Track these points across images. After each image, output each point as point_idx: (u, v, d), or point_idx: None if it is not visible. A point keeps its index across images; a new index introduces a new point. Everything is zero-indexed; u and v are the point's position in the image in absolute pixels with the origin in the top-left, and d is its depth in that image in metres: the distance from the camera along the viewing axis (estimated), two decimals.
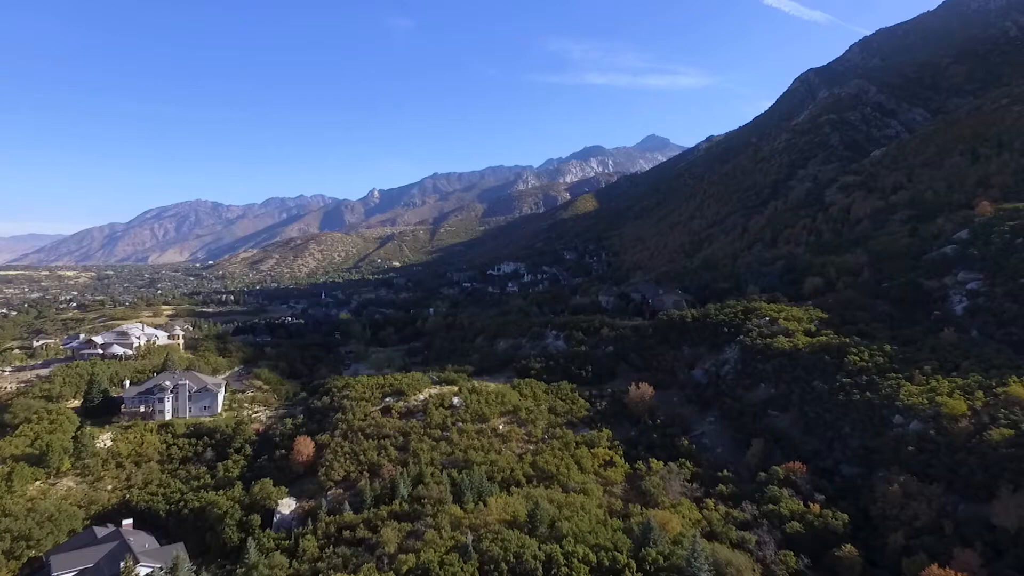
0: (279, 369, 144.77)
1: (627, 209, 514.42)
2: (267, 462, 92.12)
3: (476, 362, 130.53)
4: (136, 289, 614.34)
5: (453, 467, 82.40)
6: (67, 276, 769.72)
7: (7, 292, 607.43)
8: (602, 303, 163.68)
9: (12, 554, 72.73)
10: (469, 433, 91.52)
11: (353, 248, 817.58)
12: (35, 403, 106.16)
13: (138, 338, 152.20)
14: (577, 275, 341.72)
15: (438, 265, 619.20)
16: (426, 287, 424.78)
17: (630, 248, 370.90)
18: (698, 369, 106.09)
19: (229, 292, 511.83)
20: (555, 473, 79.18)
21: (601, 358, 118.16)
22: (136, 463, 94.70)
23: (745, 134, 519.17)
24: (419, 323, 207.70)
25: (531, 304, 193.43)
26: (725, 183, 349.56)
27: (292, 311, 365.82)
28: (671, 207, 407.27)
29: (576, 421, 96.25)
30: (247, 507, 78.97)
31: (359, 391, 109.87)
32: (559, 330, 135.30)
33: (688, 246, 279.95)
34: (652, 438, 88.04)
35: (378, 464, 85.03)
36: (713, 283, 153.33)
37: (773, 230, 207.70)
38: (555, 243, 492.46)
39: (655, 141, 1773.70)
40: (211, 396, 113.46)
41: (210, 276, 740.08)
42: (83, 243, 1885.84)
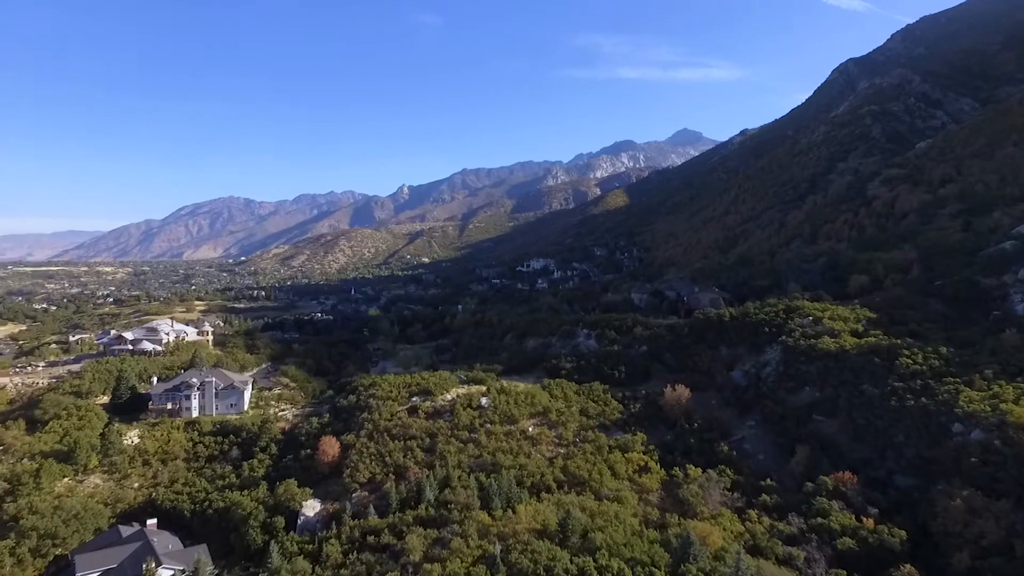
0: (306, 366, 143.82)
1: (659, 204, 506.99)
2: (292, 462, 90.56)
3: (505, 361, 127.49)
4: (171, 285, 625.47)
5: (481, 470, 79.52)
6: (105, 272, 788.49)
7: (48, 287, 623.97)
8: (635, 301, 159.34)
9: (38, 552, 72.02)
10: (497, 435, 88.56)
11: (383, 244, 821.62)
12: (65, 399, 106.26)
13: (167, 334, 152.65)
14: (608, 271, 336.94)
15: (467, 261, 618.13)
16: (455, 283, 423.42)
17: (662, 244, 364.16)
18: (737, 370, 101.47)
19: (261, 288, 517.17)
20: (587, 479, 75.74)
21: (634, 358, 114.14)
22: (163, 461, 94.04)
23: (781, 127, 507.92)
24: (447, 320, 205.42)
25: (561, 301, 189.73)
26: (761, 177, 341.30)
27: (322, 307, 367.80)
28: (704, 202, 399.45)
29: (609, 424, 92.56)
30: (271, 508, 77.25)
31: (386, 390, 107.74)
32: (590, 329, 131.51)
33: (722, 242, 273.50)
34: (689, 443, 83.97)
35: (404, 466, 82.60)
36: (751, 280, 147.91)
37: (812, 225, 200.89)
38: (585, 239, 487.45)
39: (687, 135, 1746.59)
40: (237, 394, 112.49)
41: (242, 272, 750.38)
42: (121, 239, 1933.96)
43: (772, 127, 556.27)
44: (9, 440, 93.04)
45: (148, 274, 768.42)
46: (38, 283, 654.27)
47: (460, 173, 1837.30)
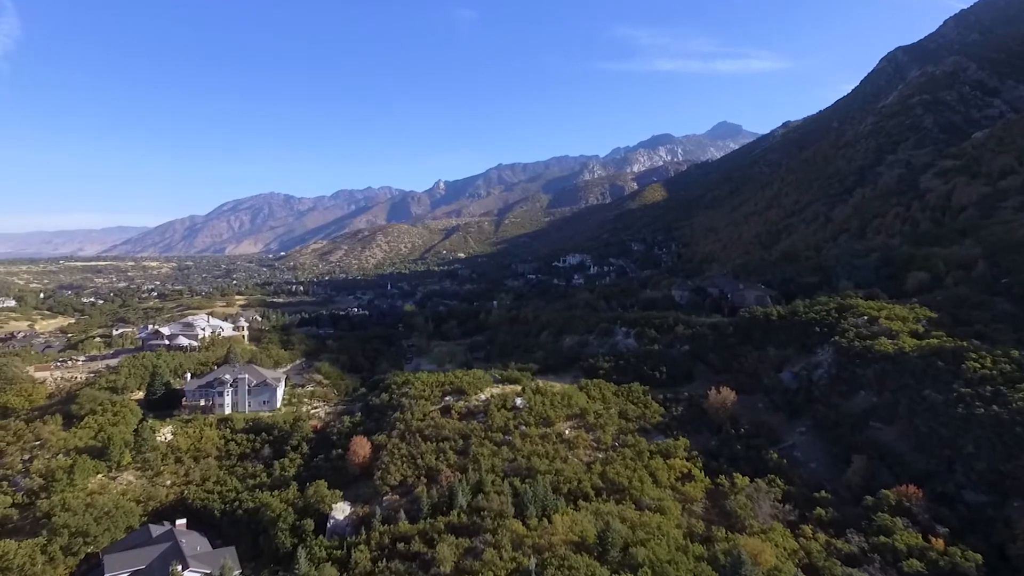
0: (340, 363, 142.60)
1: (698, 199, 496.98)
2: (323, 462, 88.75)
3: (540, 359, 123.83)
4: (213, 279, 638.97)
5: (515, 475, 76.32)
6: (151, 266, 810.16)
7: (97, 281, 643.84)
8: (675, 298, 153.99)
9: (70, 550, 71.40)
10: (533, 438, 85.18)
11: (419, 239, 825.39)
12: (100, 395, 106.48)
13: (203, 329, 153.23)
14: (645, 267, 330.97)
15: (502, 256, 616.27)
16: (490, 278, 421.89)
17: (701, 239, 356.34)
18: (786, 372, 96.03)
19: (299, 283, 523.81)
20: (627, 486, 71.87)
21: (676, 358, 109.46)
22: (195, 458, 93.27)
23: (825, 119, 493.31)
24: (482, 316, 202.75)
25: (598, 298, 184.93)
26: (804, 170, 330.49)
27: (358, 302, 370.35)
28: (745, 196, 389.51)
29: (649, 427, 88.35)
30: (300, 511, 75.33)
31: (418, 389, 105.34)
32: (629, 327, 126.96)
33: (764, 237, 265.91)
34: (735, 449, 79.30)
35: (436, 469, 79.88)
36: (798, 277, 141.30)
37: (861, 219, 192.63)
38: (622, 234, 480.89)
39: (727, 128, 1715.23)
40: (270, 391, 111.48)
41: (282, 267, 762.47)
42: (166, 235, 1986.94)
43: (816, 119, 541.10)
44: (46, 435, 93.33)
45: (191, 269, 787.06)
46: (88, 277, 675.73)
47: (496, 168, 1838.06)
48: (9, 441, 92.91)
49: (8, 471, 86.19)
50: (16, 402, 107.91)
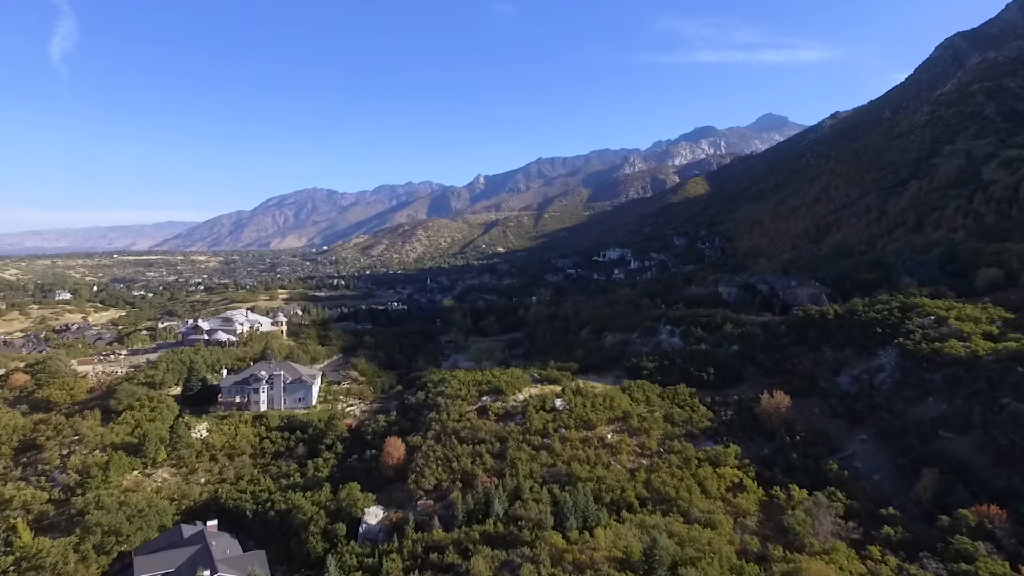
0: (377, 359, 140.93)
1: (742, 192, 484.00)
2: (357, 462, 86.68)
3: (580, 358, 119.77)
4: (258, 273, 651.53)
5: (554, 481, 72.61)
6: (199, 260, 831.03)
7: (148, 275, 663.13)
8: (722, 295, 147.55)
9: (102, 549, 70.54)
10: (573, 442, 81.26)
11: (458, 234, 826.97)
12: (138, 390, 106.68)
13: (242, 324, 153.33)
14: (687, 262, 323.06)
15: (542, 251, 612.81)
16: (529, 273, 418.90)
17: (746, 233, 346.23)
18: (844, 376, 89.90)
19: (340, 277, 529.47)
20: (674, 496, 67.40)
21: (724, 359, 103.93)
22: (229, 456, 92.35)
23: (876, 109, 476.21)
24: (521, 312, 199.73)
25: (640, 294, 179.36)
26: (855, 162, 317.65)
27: (398, 296, 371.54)
28: (792, 189, 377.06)
29: (697, 432, 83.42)
30: (332, 514, 73.11)
31: (455, 388, 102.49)
32: (674, 325, 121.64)
33: (813, 231, 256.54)
34: (791, 458, 73.92)
35: (472, 473, 76.72)
36: (854, 273, 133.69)
37: (918, 213, 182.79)
38: (663, 228, 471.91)
39: (772, 120, 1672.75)
40: (305, 388, 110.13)
41: (324, 261, 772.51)
42: (214, 230, 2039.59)
43: (866, 109, 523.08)
44: (84, 430, 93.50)
45: (237, 263, 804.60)
46: (139, 271, 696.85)
47: (535, 162, 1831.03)
48: (49, 436, 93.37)
49: (46, 466, 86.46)
50: (58, 396, 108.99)
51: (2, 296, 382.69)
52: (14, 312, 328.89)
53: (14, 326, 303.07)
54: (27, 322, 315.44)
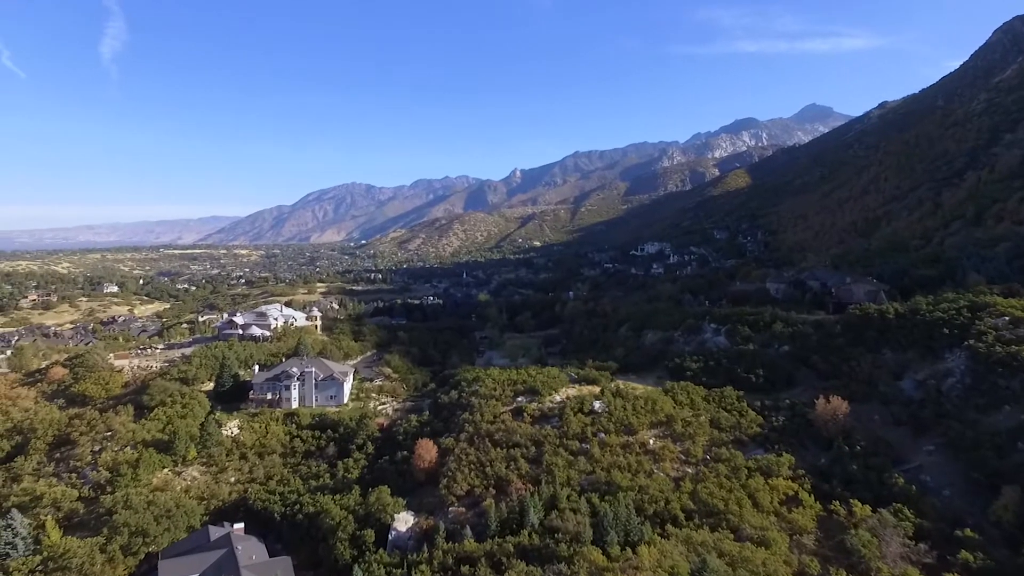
0: (411, 355, 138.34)
1: (785, 185, 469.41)
2: (388, 464, 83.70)
3: (620, 357, 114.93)
4: (298, 267, 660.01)
5: (593, 490, 68.45)
6: (241, 254, 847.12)
7: (192, 268, 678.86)
8: (770, 291, 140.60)
9: (129, 550, 68.90)
10: (613, 447, 76.93)
11: (495, 228, 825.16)
12: (171, 385, 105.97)
13: (276, 319, 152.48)
14: (728, 256, 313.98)
15: (579, 245, 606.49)
16: (566, 267, 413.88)
17: (790, 227, 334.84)
18: (907, 380, 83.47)
19: (378, 271, 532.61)
20: (722, 510, 62.57)
21: (774, 360, 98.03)
22: (259, 455, 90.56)
23: (928, 98, 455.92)
24: (557, 308, 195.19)
25: (682, 290, 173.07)
26: (906, 153, 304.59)
27: (434, 290, 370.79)
28: (838, 181, 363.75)
29: (746, 439, 78.10)
30: (361, 519, 70.20)
31: (489, 387, 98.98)
32: (719, 323, 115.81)
33: (861, 224, 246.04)
34: (850, 469, 68.27)
35: (506, 479, 73.04)
36: (912, 269, 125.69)
37: (977, 205, 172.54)
38: (703, 222, 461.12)
39: (816, 111, 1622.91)
40: (337, 385, 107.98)
41: (362, 255, 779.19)
42: (256, 224, 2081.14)
43: (917, 98, 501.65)
44: (116, 426, 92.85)
45: (278, 257, 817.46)
46: (184, 264, 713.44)
47: (572, 156, 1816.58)
48: (82, 431, 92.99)
49: (78, 463, 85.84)
50: (93, 391, 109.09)
51: (54, 288, 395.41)
52: (64, 304, 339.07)
53: (64, 318, 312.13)
54: (76, 314, 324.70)
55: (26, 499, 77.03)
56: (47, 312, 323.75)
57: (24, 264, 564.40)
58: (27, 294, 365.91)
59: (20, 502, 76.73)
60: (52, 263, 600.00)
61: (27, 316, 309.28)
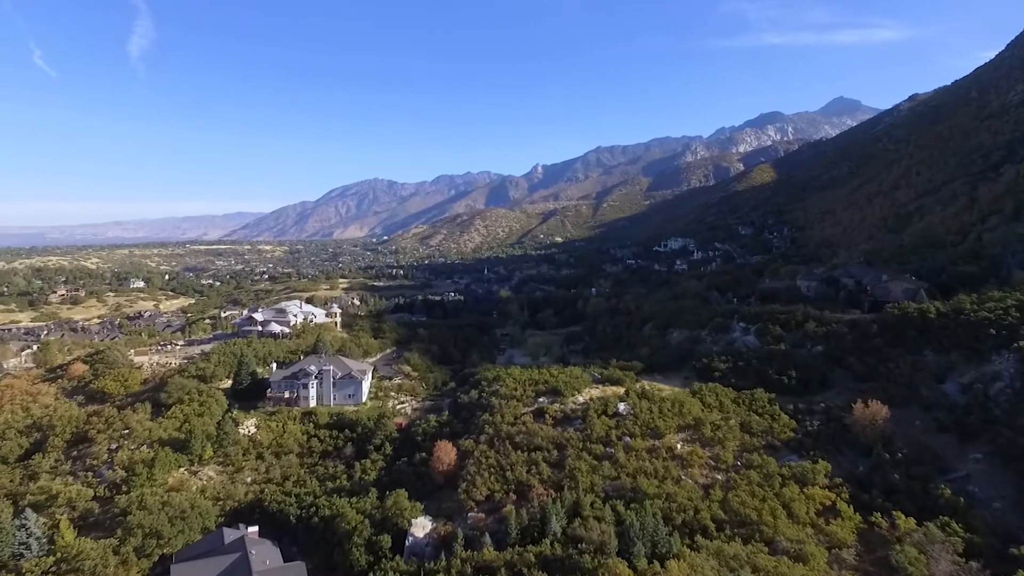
0: (431, 353, 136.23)
1: (812, 179, 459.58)
2: (406, 466, 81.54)
3: (645, 357, 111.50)
4: (320, 263, 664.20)
5: (618, 497, 65.57)
6: (265, 250, 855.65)
7: (218, 264, 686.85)
8: (801, 289, 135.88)
9: (143, 552, 67.71)
10: (639, 452, 73.84)
11: (516, 223, 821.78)
12: (189, 383, 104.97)
13: (295, 316, 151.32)
14: (754, 252, 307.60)
15: (601, 241, 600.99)
16: (588, 263, 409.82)
17: (817, 222, 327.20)
18: (951, 383, 79.16)
19: (399, 267, 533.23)
20: (755, 520, 59.32)
21: (807, 361, 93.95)
22: (276, 455, 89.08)
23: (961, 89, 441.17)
24: (579, 305, 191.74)
25: (708, 287, 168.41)
26: (938, 146, 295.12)
27: (455, 286, 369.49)
28: (867, 176, 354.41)
29: (778, 444, 74.55)
30: (378, 523, 68.10)
31: (510, 387, 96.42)
32: (749, 322, 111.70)
33: (892, 220, 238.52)
34: (891, 478, 64.53)
35: (527, 484, 70.36)
36: (951, 266, 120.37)
37: (1016, 199, 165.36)
38: (728, 217, 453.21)
39: (843, 104, 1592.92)
40: (355, 384, 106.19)
41: (384, 251, 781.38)
42: (280, 220, 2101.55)
43: (950, 90, 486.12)
44: (134, 424, 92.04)
45: (301, 252, 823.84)
46: (209, 260, 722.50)
47: (594, 151, 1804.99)
48: (100, 429, 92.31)
49: (95, 461, 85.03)
50: (112, 387, 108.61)
51: (82, 284, 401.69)
52: (92, 299, 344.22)
53: (92, 312, 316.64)
54: (104, 309, 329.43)
55: (42, 498, 76.33)
56: (75, 307, 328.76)
57: (55, 259, 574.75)
58: (56, 289, 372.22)
59: (36, 501, 76.11)
60: (82, 259, 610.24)
61: (56, 311, 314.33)
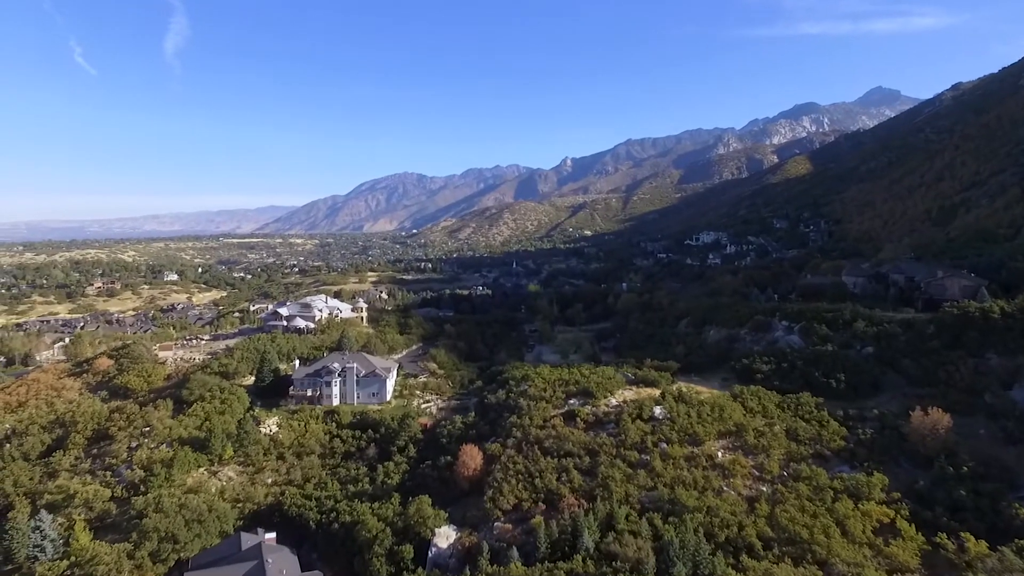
0: (457, 349, 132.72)
1: (850, 171, 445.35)
2: (430, 469, 78.13)
3: (680, 356, 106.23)
4: (350, 256, 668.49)
5: (655, 509, 61.13)
6: (296, 243, 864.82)
7: (250, 256, 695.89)
8: (847, 285, 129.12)
9: (158, 556, 65.43)
10: (676, 460, 69.19)
11: (545, 217, 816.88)
12: (211, 380, 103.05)
13: (321, 311, 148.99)
14: (790, 246, 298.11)
15: (631, 234, 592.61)
16: (618, 257, 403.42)
17: (856, 215, 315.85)
18: (1019, 390, 72.86)
19: (428, 260, 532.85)
20: (807, 539, 54.35)
21: (857, 363, 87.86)
22: (297, 455, 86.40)
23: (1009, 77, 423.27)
24: (610, 300, 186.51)
25: (745, 282, 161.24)
26: (984, 136, 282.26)
27: (484, 280, 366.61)
28: (908, 167, 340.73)
29: (828, 454, 69.13)
30: (400, 532, 64.81)
31: (539, 387, 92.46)
32: (792, 320, 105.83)
33: (936, 213, 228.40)
34: (956, 495, 58.82)
35: (557, 493, 66.28)
36: (1010, 261, 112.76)
37: None
38: (761, 210, 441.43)
39: (882, 94, 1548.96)
40: (380, 382, 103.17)
41: (413, 244, 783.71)
42: (311, 213, 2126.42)
43: (996, 78, 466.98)
44: (154, 422, 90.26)
45: (332, 245, 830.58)
46: (242, 253, 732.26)
47: (624, 144, 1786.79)
48: (121, 426, 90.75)
49: (114, 460, 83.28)
50: (135, 383, 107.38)
51: (118, 276, 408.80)
52: (127, 292, 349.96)
53: (127, 305, 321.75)
54: (139, 301, 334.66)
55: (59, 497, 74.74)
56: (111, 299, 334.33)
57: (93, 252, 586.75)
58: (93, 281, 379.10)
59: (53, 500, 74.57)
60: (119, 251, 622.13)
61: (92, 303, 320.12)
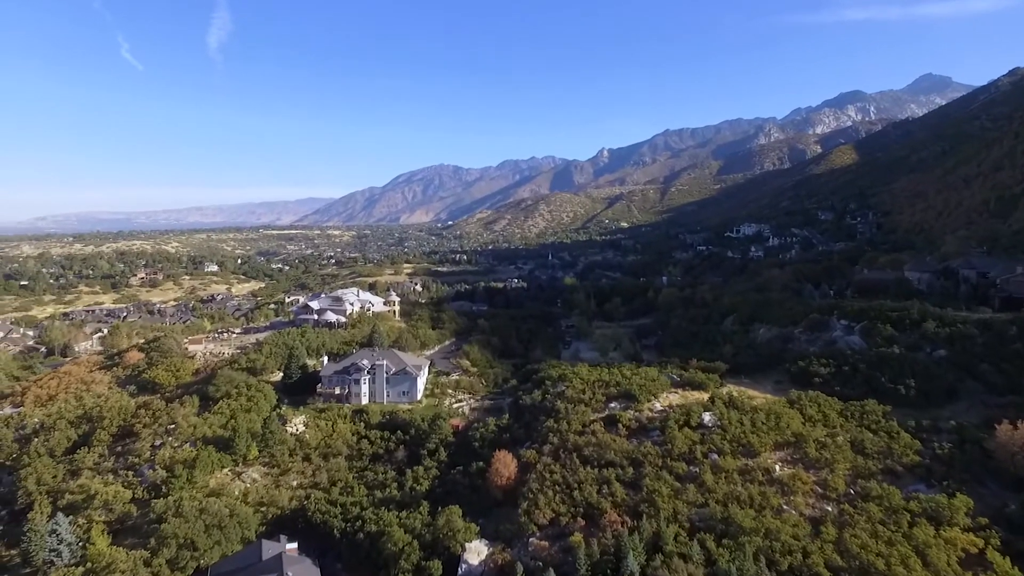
0: (491, 346, 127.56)
1: (899, 161, 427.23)
2: (461, 476, 73.44)
3: (727, 356, 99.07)
4: (387, 247, 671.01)
5: (707, 529, 55.36)
6: (334, 235, 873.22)
7: (289, 248, 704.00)
8: (912, 281, 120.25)
9: (176, 564, 62.32)
10: (729, 473, 63.05)
11: (581, 208, 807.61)
12: (238, 376, 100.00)
13: (352, 304, 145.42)
14: (836, 239, 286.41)
15: (668, 226, 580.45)
16: (656, 249, 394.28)
17: (906, 207, 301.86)
18: None
19: (463, 252, 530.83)
20: (883, 570, 47.91)
21: (928, 367, 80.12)
22: (324, 456, 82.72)
23: None
24: (650, 294, 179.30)
25: (795, 277, 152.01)
26: None
27: (519, 272, 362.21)
28: (962, 156, 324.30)
29: (900, 470, 62.04)
30: (428, 545, 60.34)
31: (577, 388, 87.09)
32: (851, 319, 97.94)
33: (995, 204, 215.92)
34: None
35: (598, 507, 60.87)
36: None
37: None
38: (805, 202, 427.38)
39: (932, 81, 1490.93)
40: (410, 380, 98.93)
41: (449, 236, 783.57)
42: (348, 205, 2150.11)
43: None
44: (179, 419, 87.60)
45: (368, 237, 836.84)
46: (281, 244, 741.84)
47: (662, 134, 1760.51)
48: (146, 423, 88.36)
49: (137, 459, 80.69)
50: (163, 378, 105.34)
51: (160, 267, 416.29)
52: (169, 282, 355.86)
53: (168, 295, 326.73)
54: (180, 291, 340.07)
55: (80, 497, 72.41)
56: (153, 289, 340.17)
57: (138, 244, 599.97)
58: (137, 272, 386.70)
59: (74, 500, 72.33)
60: (163, 243, 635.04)
61: (136, 293, 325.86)
